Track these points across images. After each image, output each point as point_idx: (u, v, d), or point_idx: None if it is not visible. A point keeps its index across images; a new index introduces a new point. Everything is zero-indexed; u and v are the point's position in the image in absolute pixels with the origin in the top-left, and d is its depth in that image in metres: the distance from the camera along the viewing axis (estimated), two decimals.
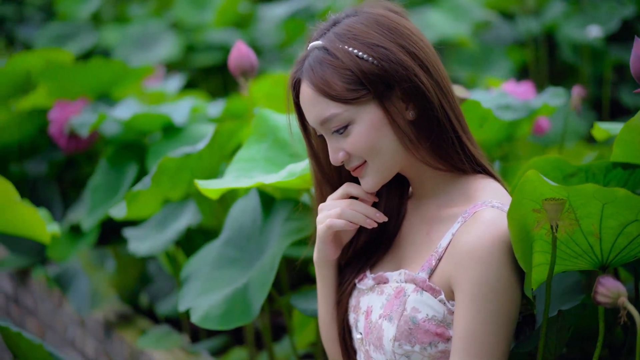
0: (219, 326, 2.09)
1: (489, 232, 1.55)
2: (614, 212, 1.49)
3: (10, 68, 3.80)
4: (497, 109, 2.48)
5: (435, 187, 1.72)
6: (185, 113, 3.03)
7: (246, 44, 2.43)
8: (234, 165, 2.18)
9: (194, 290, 2.23)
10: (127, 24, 5.83)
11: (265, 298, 2.05)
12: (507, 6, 5.23)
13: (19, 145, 3.75)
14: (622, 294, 1.43)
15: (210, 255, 2.30)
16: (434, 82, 1.64)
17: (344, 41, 1.62)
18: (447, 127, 1.66)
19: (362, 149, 1.64)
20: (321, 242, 1.78)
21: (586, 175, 1.98)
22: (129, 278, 3.24)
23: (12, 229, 2.64)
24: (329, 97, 1.62)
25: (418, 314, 1.62)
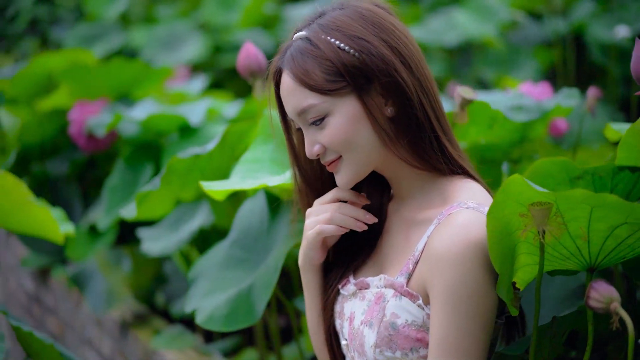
0: (223, 328, 2.09)
1: (461, 235, 1.52)
2: (602, 215, 1.47)
3: (34, 68, 3.84)
4: (510, 110, 2.46)
5: (413, 188, 1.70)
6: (201, 114, 3.04)
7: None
8: (240, 166, 2.18)
9: (201, 291, 2.23)
10: (155, 24, 5.86)
11: (268, 300, 2.04)
12: (534, 6, 5.18)
13: (40, 145, 3.78)
14: (615, 299, 1.41)
15: (218, 255, 2.30)
16: (415, 80, 1.62)
17: (327, 32, 1.61)
18: (426, 126, 1.64)
19: (338, 142, 1.62)
20: (309, 248, 1.76)
21: (593, 178, 1.95)
22: (145, 278, 3.26)
23: (26, 229, 2.66)
24: (307, 87, 1.61)
25: (397, 320, 1.60)
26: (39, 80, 3.83)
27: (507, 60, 4.91)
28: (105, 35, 5.73)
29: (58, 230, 2.59)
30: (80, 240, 3.33)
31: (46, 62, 3.85)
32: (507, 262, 1.53)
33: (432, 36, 4.94)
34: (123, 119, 3.11)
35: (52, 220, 2.57)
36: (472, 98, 2.13)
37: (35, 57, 3.94)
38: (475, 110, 2.32)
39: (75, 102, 3.49)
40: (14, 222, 2.63)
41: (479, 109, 2.31)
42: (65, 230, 2.71)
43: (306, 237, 1.76)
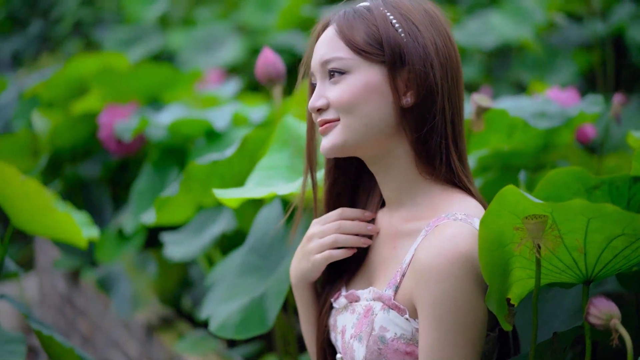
0: (235, 335, 2.09)
1: (447, 247, 1.49)
2: (599, 227, 1.44)
3: (68, 72, 3.88)
4: (532, 117, 2.43)
5: (404, 195, 1.66)
6: (227, 119, 3.04)
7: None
8: (256, 173, 2.18)
9: (216, 298, 2.24)
10: (193, 26, 5.89)
11: (280, 308, 2.04)
12: (573, 8, 5.12)
13: (72, 148, 3.82)
14: (615, 316, 1.38)
15: (234, 262, 2.31)
16: (446, 84, 1.62)
17: (386, 6, 1.63)
18: (440, 130, 1.62)
19: (344, 101, 1.61)
20: (314, 270, 1.75)
21: (609, 188, 1.91)
22: (171, 282, 3.27)
23: (50, 233, 2.69)
24: (344, 40, 1.61)
25: (386, 333, 1.58)
26: (73, 84, 3.87)
27: (545, 63, 4.86)
28: (144, 37, 5.78)
29: (81, 235, 2.60)
30: (109, 243, 3.35)
31: (80, 66, 3.89)
32: (498, 274, 1.50)
33: (469, 38, 4.90)
34: (149, 124, 3.13)
35: (75, 226, 2.58)
36: (488, 106, 2.11)
37: (70, 61, 3.97)
38: (495, 118, 2.30)
39: (105, 106, 3.52)
40: (38, 226, 2.65)
41: (498, 117, 2.28)
42: (89, 234, 2.73)
43: (310, 261, 1.75)
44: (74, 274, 3.89)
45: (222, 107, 3.29)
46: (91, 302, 3.76)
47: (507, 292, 1.58)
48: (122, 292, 3.22)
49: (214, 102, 3.79)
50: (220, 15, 6.10)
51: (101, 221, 3.62)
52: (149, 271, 3.30)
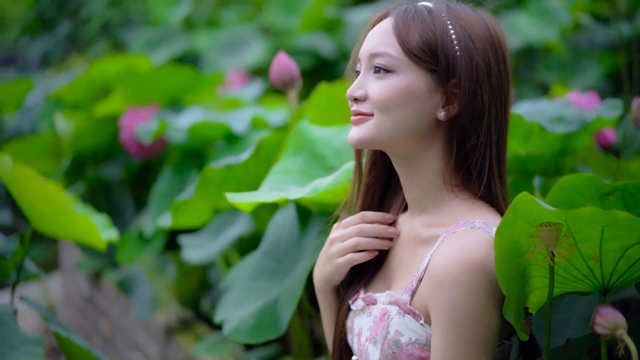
0: (249, 340, 2.10)
1: (461, 255, 1.49)
2: (614, 235, 1.43)
3: (91, 74, 3.90)
4: (550, 121, 2.41)
5: (427, 201, 1.66)
6: (246, 122, 3.05)
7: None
8: (270, 177, 2.18)
9: (230, 302, 2.25)
10: (218, 28, 5.90)
11: (292, 312, 2.05)
12: (599, 9, 5.08)
13: (95, 150, 3.84)
14: (621, 326, 1.37)
15: (249, 266, 2.31)
16: (494, 107, 1.61)
17: (449, 15, 1.60)
18: (482, 150, 1.60)
19: (383, 99, 1.59)
20: (336, 273, 1.77)
21: (623, 194, 1.89)
22: (190, 284, 3.29)
23: (69, 236, 2.71)
24: (398, 39, 1.60)
25: (401, 338, 1.58)
26: (96, 86, 3.90)
27: (570, 65, 4.83)
28: (169, 39, 5.79)
29: (99, 238, 2.62)
30: (130, 245, 3.37)
31: (104, 68, 3.91)
32: (516, 285, 1.50)
33: None
34: (169, 127, 3.14)
35: (94, 228, 2.60)
36: None
37: (94, 63, 4.00)
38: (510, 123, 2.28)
39: (127, 108, 3.54)
40: (57, 229, 2.68)
41: (514, 122, 2.27)
42: (108, 236, 2.75)
43: (333, 265, 1.76)
44: (96, 275, 3.91)
45: (242, 110, 3.29)
46: (112, 303, 3.79)
47: (525, 302, 1.57)
48: (141, 294, 3.24)
49: (235, 104, 3.80)
50: (245, 17, 6.11)
51: (123, 223, 3.65)
52: (168, 273, 3.31)
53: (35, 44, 8.40)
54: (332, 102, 2.69)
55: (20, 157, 3.81)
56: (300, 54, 5.46)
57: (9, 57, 9.07)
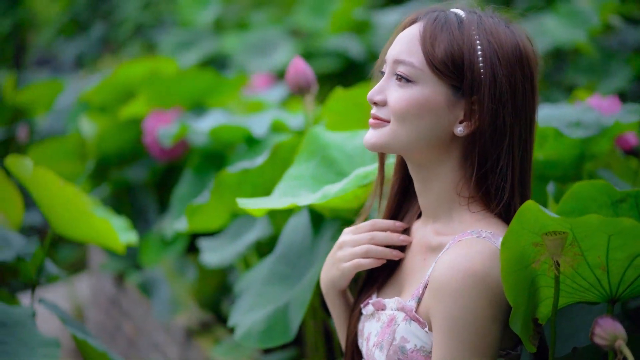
0: (259, 344, 2.10)
1: (463, 264, 1.48)
2: (621, 244, 1.42)
3: (117, 77, 3.93)
4: (567, 126, 2.39)
5: (440, 209, 1.64)
6: (265, 125, 3.05)
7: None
8: (283, 182, 2.18)
9: (243, 306, 2.25)
10: (247, 30, 5.91)
11: (302, 317, 2.05)
12: (629, 10, 5.03)
13: (119, 153, 3.87)
14: (620, 337, 1.35)
15: (263, 270, 2.32)
16: (518, 127, 1.58)
17: (479, 30, 1.56)
18: (503, 172, 1.58)
19: (399, 110, 1.58)
20: (342, 278, 1.76)
21: (636, 201, 1.87)
22: (209, 287, 3.30)
23: (88, 238, 2.73)
24: (423, 48, 1.57)
25: (407, 344, 1.57)
26: (121, 89, 3.93)
27: (599, 67, 4.78)
28: (198, 41, 5.82)
29: (118, 240, 2.64)
30: (152, 247, 3.39)
31: (129, 71, 3.94)
32: (523, 295, 1.48)
33: None
34: (189, 130, 3.16)
35: (112, 231, 2.62)
36: None
37: (119, 66, 4.03)
38: None
39: (150, 111, 3.56)
40: (76, 231, 2.70)
41: None
42: (127, 239, 2.76)
43: (340, 269, 1.75)
44: (120, 276, 3.94)
45: (263, 113, 3.30)
46: (135, 304, 3.81)
47: (534, 312, 1.56)
48: (162, 296, 3.26)
49: (259, 107, 3.81)
50: (274, 19, 6.12)
51: (146, 225, 3.67)
52: (188, 276, 3.33)
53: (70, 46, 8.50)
54: (348, 107, 2.69)
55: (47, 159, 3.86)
56: (329, 55, 5.46)
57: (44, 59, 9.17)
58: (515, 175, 1.59)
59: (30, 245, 2.64)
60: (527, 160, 1.62)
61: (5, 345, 2.28)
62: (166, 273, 3.34)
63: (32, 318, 2.33)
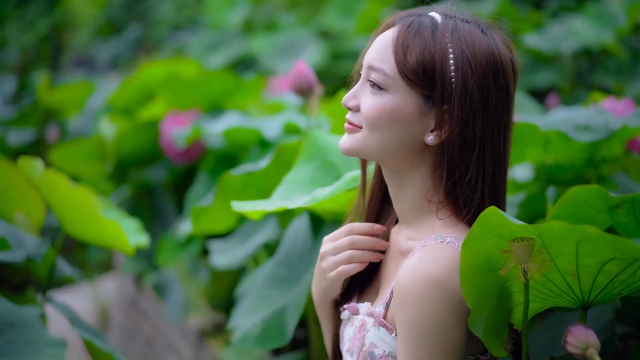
0: (255, 346, 2.11)
1: (423, 270, 1.47)
2: (590, 250, 1.40)
3: (138, 79, 3.96)
4: (575, 129, 2.37)
5: (412, 214, 1.63)
6: (277, 128, 3.05)
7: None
8: (282, 185, 2.18)
9: (243, 309, 2.26)
10: (276, 31, 5.92)
11: (297, 321, 2.05)
12: None
13: (137, 154, 3.89)
14: (592, 345, 1.33)
15: (264, 274, 2.32)
16: (491, 138, 1.56)
17: (453, 37, 1.54)
18: (472, 183, 1.56)
19: (370, 118, 1.57)
20: (331, 287, 1.75)
21: (632, 207, 1.86)
22: (221, 289, 3.30)
23: (98, 240, 2.75)
24: (395, 56, 1.55)
25: (376, 350, 1.57)
26: (142, 91, 3.95)
27: (627, 67, 4.72)
28: (227, 42, 5.84)
29: (127, 243, 2.65)
30: (169, 248, 3.41)
31: (150, 73, 3.96)
32: (489, 299, 1.47)
33: (550, 43, 4.80)
34: (203, 132, 3.17)
35: (121, 233, 2.63)
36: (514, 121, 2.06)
37: (141, 67, 4.06)
38: (525, 132, 2.25)
39: (167, 113, 3.58)
40: (86, 234, 2.72)
41: (529, 131, 2.23)
42: (138, 242, 2.78)
43: (327, 279, 1.74)
44: (139, 277, 3.96)
45: (277, 115, 3.30)
46: (153, 305, 3.84)
47: (508, 318, 1.55)
48: (174, 298, 3.28)
49: (278, 109, 3.81)
50: (303, 20, 6.12)
51: (164, 226, 3.69)
52: (201, 278, 3.34)
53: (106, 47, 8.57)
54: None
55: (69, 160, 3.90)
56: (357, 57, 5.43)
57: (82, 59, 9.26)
58: (485, 187, 1.57)
59: (41, 246, 2.67)
60: (500, 172, 1.60)
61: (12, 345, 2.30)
62: (179, 274, 3.36)
63: (39, 318, 2.35)
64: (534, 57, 4.91)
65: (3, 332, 2.32)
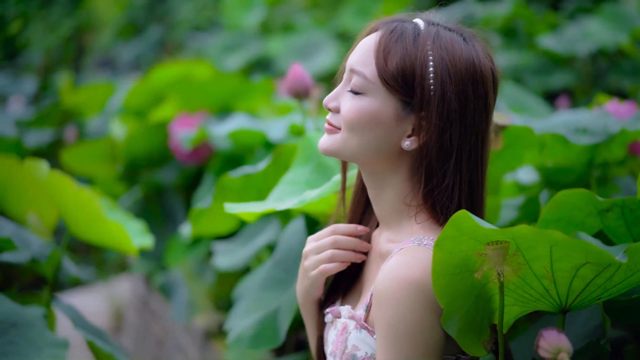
0: (249, 348, 2.12)
1: (400, 273, 1.48)
2: (563, 255, 1.40)
3: (150, 81, 3.98)
4: (574, 133, 2.36)
5: (392, 217, 1.64)
6: (282, 130, 3.06)
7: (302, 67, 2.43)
8: (278, 187, 2.19)
9: (239, 311, 2.27)
10: (293, 33, 5.93)
11: (290, 323, 2.06)
12: None
13: (148, 155, 3.91)
14: (563, 350, 1.33)
15: (260, 276, 2.33)
16: (467, 146, 1.57)
17: (433, 44, 1.55)
18: (448, 191, 1.56)
19: (348, 120, 1.58)
20: (313, 286, 1.76)
21: (622, 210, 1.85)
22: (226, 290, 3.31)
23: (101, 242, 2.78)
24: (376, 61, 1.56)
25: (358, 352, 1.58)
26: (154, 92, 3.97)
27: None
28: (244, 44, 5.85)
29: (130, 244, 2.68)
30: (178, 249, 3.43)
31: (162, 75, 3.99)
32: (464, 300, 1.48)
33: (565, 44, 4.78)
34: (208, 134, 3.19)
35: (125, 235, 2.65)
36: (506, 124, 2.07)
37: (153, 69, 4.08)
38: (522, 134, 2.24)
39: (176, 115, 3.60)
40: (90, 235, 2.75)
41: (524, 134, 2.23)
42: (141, 243, 2.80)
43: (309, 277, 1.76)
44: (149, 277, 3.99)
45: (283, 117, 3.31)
46: (162, 306, 3.86)
47: (490, 319, 1.55)
48: (180, 298, 3.30)
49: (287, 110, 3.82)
50: (320, 22, 6.13)
51: (174, 227, 3.71)
52: (206, 279, 3.36)
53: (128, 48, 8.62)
54: None
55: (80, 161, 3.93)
56: None
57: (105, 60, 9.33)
58: (462, 194, 1.57)
59: (47, 247, 2.69)
60: (477, 180, 1.60)
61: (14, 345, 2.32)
62: (185, 275, 3.38)
63: (42, 318, 2.37)
64: (549, 58, 4.89)
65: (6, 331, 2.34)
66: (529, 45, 5.04)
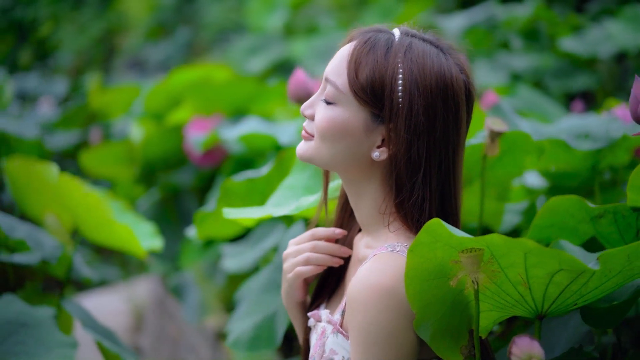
0: (247, 350, 2.15)
1: (371, 279, 1.50)
2: (537, 262, 1.42)
3: (169, 84, 4.02)
4: (575, 138, 2.37)
5: (370, 223, 1.66)
6: (291, 133, 3.09)
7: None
8: (278, 192, 2.22)
9: (239, 313, 2.30)
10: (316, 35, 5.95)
11: (287, 326, 2.08)
12: None
13: (164, 158, 3.95)
14: (535, 356, 1.34)
15: (262, 278, 2.36)
16: (437, 159, 1.58)
17: (405, 58, 1.56)
18: (418, 204, 1.57)
19: (320, 128, 1.61)
20: (291, 288, 1.79)
21: (614, 217, 1.86)
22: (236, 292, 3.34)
23: (110, 243, 2.82)
24: (348, 72, 1.58)
25: (335, 356, 1.60)
26: (172, 95, 4.01)
27: None
28: (268, 46, 5.88)
29: (139, 246, 2.72)
30: (192, 251, 3.46)
31: (180, 78, 4.02)
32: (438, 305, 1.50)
33: (586, 47, 4.76)
34: (220, 138, 3.22)
35: (133, 237, 2.69)
36: (502, 130, 2.07)
37: (172, 72, 4.12)
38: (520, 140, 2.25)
39: (191, 118, 3.64)
40: (100, 237, 2.79)
41: (522, 140, 2.23)
42: (150, 245, 2.84)
43: (287, 280, 1.79)
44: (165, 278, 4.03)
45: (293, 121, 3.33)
46: (178, 307, 3.90)
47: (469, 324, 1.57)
48: (191, 300, 3.33)
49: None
50: (343, 24, 6.14)
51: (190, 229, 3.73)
52: (217, 281, 3.39)
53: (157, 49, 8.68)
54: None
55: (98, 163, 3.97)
56: None
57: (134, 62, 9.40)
58: (433, 207, 1.58)
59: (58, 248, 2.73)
60: (450, 193, 1.61)
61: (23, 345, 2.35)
62: (196, 277, 3.41)
63: (52, 319, 2.40)
64: (571, 61, 4.87)
65: (16, 332, 2.37)
66: (550, 47, 5.02)
